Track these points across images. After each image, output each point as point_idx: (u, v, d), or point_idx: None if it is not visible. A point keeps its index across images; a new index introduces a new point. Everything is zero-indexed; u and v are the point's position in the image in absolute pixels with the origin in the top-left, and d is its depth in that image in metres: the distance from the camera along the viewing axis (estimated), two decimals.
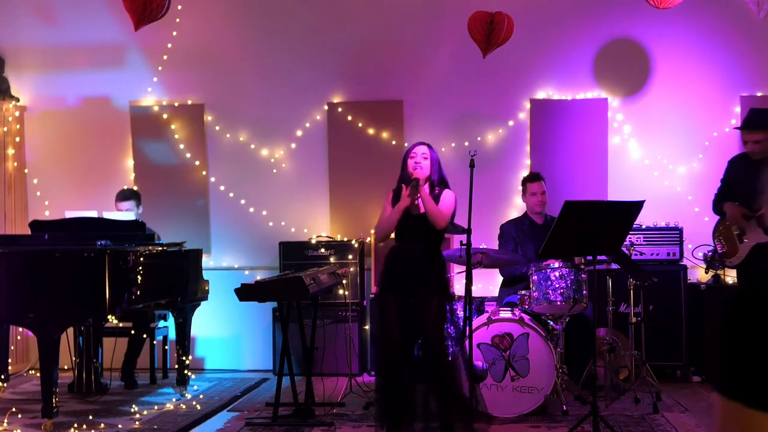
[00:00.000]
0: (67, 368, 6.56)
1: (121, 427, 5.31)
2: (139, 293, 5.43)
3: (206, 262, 6.95)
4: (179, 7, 7.34)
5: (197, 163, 7.62)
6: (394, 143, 7.32)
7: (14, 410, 5.67)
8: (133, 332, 6.62)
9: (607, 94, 7.32)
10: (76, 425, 5.24)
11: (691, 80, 7.24)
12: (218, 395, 6.32)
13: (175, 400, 6.09)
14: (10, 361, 6.22)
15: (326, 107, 7.52)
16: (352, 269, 6.97)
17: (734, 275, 6.21)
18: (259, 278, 6.14)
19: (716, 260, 6.05)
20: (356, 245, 7.10)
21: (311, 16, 7.49)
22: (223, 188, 7.62)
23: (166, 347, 6.98)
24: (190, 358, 6.43)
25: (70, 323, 5.63)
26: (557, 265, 5.59)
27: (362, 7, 7.46)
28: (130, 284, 5.34)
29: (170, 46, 7.55)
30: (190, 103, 7.66)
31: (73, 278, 5.15)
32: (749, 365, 1.42)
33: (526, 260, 5.97)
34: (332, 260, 7.05)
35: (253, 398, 6.27)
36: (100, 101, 7.70)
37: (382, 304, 4.68)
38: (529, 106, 7.37)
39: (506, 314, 5.53)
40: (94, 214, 6.13)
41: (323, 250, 7.13)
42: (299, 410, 5.47)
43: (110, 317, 5.37)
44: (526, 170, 7.12)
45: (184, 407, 5.86)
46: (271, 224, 7.55)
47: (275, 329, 7.04)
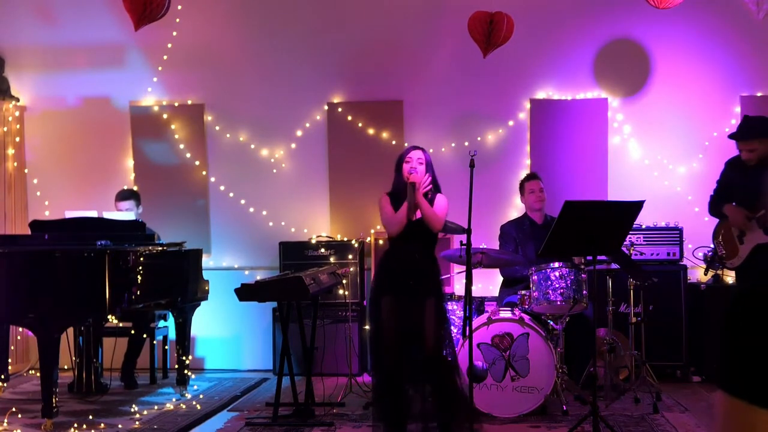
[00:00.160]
0: (67, 368, 6.57)
1: (121, 427, 5.31)
2: (139, 293, 5.43)
3: (206, 262, 6.95)
4: (179, 7, 7.35)
5: (197, 163, 7.62)
6: (394, 143, 7.31)
7: (14, 410, 5.67)
8: (133, 332, 6.63)
9: (607, 94, 7.32)
10: (76, 425, 5.24)
11: (691, 80, 7.24)
12: (218, 395, 6.32)
13: (175, 400, 6.09)
14: (10, 361, 6.22)
15: (326, 107, 7.52)
16: (352, 269, 6.96)
17: (734, 275, 6.20)
18: (259, 278, 6.14)
19: (716, 261, 6.05)
20: (356, 245, 7.09)
21: (311, 16, 7.50)
22: (223, 188, 7.62)
23: (166, 347, 6.98)
24: (190, 358, 6.43)
25: (70, 323, 5.63)
26: (557, 265, 5.60)
27: (362, 7, 7.46)
28: (130, 284, 5.35)
29: (170, 46, 7.55)
30: (190, 103, 7.66)
31: (73, 278, 5.15)
32: (752, 364, 1.47)
33: (526, 260, 5.97)
34: (332, 260, 7.05)
35: (253, 398, 6.27)
36: (100, 101, 7.70)
37: (378, 304, 4.67)
38: (529, 106, 7.37)
39: (506, 314, 5.53)
40: (94, 214, 6.13)
41: (323, 250, 7.13)
42: (299, 410, 5.47)
43: (110, 317, 5.38)
44: (526, 170, 7.12)
45: (184, 407, 5.86)
46: (271, 224, 7.55)
47: (275, 329, 7.04)
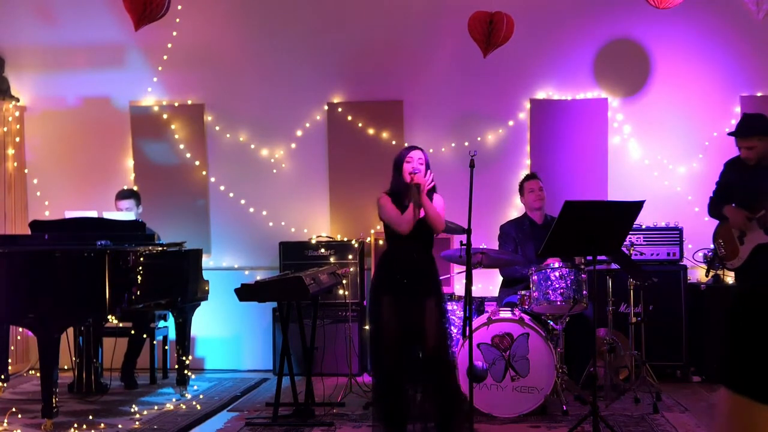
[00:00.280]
0: (67, 368, 6.57)
1: (121, 427, 5.31)
2: (139, 293, 5.43)
3: (206, 262, 6.95)
4: (179, 7, 7.35)
5: (197, 163, 7.62)
6: (394, 143, 7.31)
7: (14, 410, 5.67)
8: (133, 332, 6.63)
9: (607, 94, 7.32)
10: (76, 425, 5.24)
11: (691, 80, 7.24)
12: (218, 395, 6.32)
13: (175, 400, 6.09)
14: (10, 361, 6.22)
15: (326, 107, 7.52)
16: (352, 269, 6.96)
17: (734, 276, 6.19)
18: (259, 278, 6.14)
19: (717, 262, 6.04)
20: (356, 245, 7.09)
21: (311, 16, 7.50)
22: (223, 188, 7.62)
23: (166, 347, 6.98)
24: (190, 358, 6.43)
25: (70, 323, 5.63)
26: (557, 265, 5.60)
27: (362, 7, 7.46)
28: (130, 284, 5.35)
29: (170, 46, 7.55)
30: (190, 103, 7.66)
31: (73, 278, 5.15)
32: (754, 362, 1.51)
33: (526, 260, 5.97)
34: (332, 260, 7.05)
35: (253, 398, 6.27)
36: (100, 101, 7.70)
37: (378, 304, 4.66)
38: (529, 106, 7.37)
39: (506, 314, 5.53)
40: (94, 214, 6.13)
41: (323, 250, 7.13)
42: (299, 410, 5.47)
43: (110, 317, 5.38)
44: (526, 170, 7.12)
45: (184, 407, 5.86)
46: (271, 224, 7.55)
47: (275, 329, 7.04)
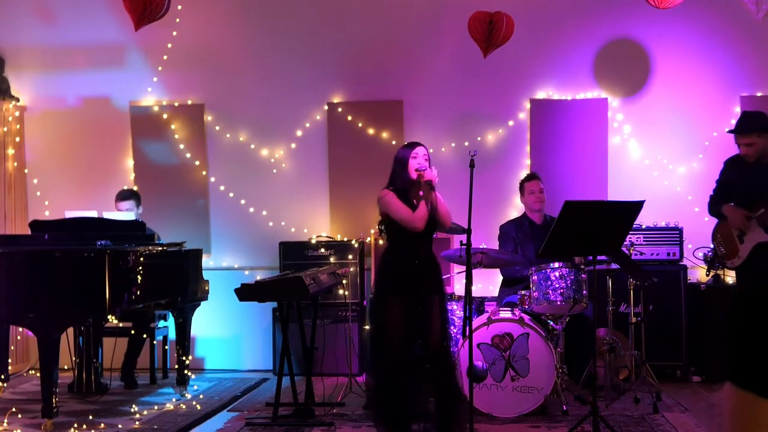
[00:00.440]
0: (67, 368, 6.57)
1: (121, 427, 5.31)
2: (139, 293, 5.43)
3: (206, 262, 6.95)
4: (179, 7, 7.35)
5: (197, 163, 7.62)
6: (394, 143, 7.30)
7: (14, 410, 5.67)
8: (133, 332, 6.63)
9: (607, 94, 7.32)
10: (76, 425, 5.24)
11: (691, 80, 7.24)
12: (218, 395, 6.32)
13: (175, 400, 6.09)
14: (10, 361, 6.23)
15: (326, 107, 7.52)
16: (352, 269, 6.96)
17: (734, 275, 6.20)
18: (259, 278, 6.14)
19: (716, 261, 6.04)
20: (356, 245, 7.10)
21: (311, 16, 7.50)
22: (223, 188, 7.62)
23: (166, 347, 6.98)
24: (190, 358, 6.43)
25: (70, 323, 5.63)
26: (557, 265, 5.59)
27: (362, 7, 7.46)
28: (130, 284, 5.34)
29: (170, 46, 7.56)
30: (190, 103, 7.66)
31: (73, 278, 5.15)
32: (757, 359, 1.57)
33: (526, 260, 5.97)
34: (332, 260, 7.06)
35: (253, 398, 6.27)
36: (100, 101, 7.70)
37: (384, 305, 4.62)
38: (529, 106, 7.37)
39: (506, 314, 5.53)
40: (94, 214, 6.13)
41: (323, 250, 7.13)
42: (299, 410, 5.47)
43: (110, 317, 5.38)
44: (526, 170, 7.12)
45: (184, 407, 5.86)
46: (271, 224, 7.55)
47: (275, 329, 7.04)
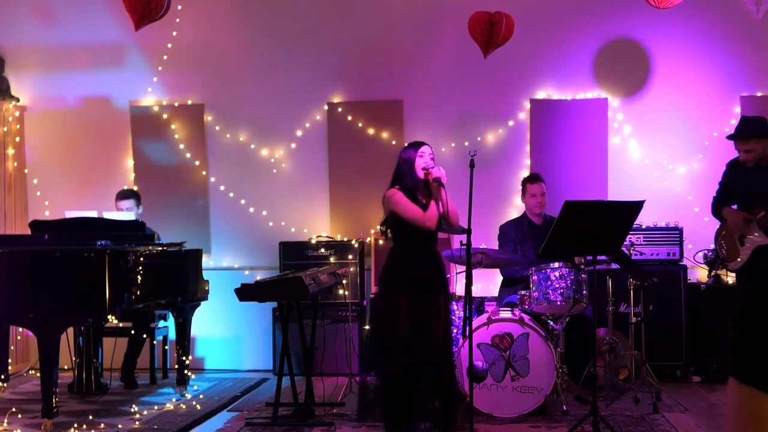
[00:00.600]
0: (67, 368, 6.57)
1: (121, 427, 5.31)
2: (139, 293, 5.43)
3: (206, 262, 6.95)
4: (179, 7, 7.35)
5: (197, 163, 7.62)
6: (394, 143, 7.31)
7: (14, 410, 5.67)
8: (133, 332, 6.62)
9: (607, 94, 7.32)
10: (76, 425, 5.24)
11: (691, 80, 7.24)
12: (218, 395, 6.32)
13: (175, 400, 6.09)
14: (10, 361, 6.22)
15: (326, 107, 7.52)
16: (352, 269, 6.96)
17: (735, 277, 6.19)
18: (259, 278, 6.14)
19: (718, 262, 6.04)
20: (356, 245, 7.09)
21: (311, 15, 7.50)
22: (223, 188, 7.62)
23: (166, 347, 6.98)
24: (190, 358, 6.43)
25: (70, 323, 5.63)
26: (557, 265, 5.59)
27: (362, 7, 7.46)
28: (130, 284, 5.34)
29: (170, 46, 7.55)
30: (190, 103, 7.66)
31: (73, 278, 5.15)
32: (761, 354, 1.62)
33: (525, 261, 5.97)
34: (332, 260, 7.06)
35: (253, 398, 6.27)
36: (100, 101, 7.70)
37: (392, 305, 4.60)
38: (529, 106, 7.37)
39: (506, 314, 5.53)
40: (94, 214, 6.13)
41: (323, 250, 7.13)
42: (299, 410, 5.47)
43: (110, 317, 5.38)
44: (526, 170, 7.13)
45: (184, 407, 5.86)
46: (271, 224, 7.55)
47: (275, 329, 7.04)
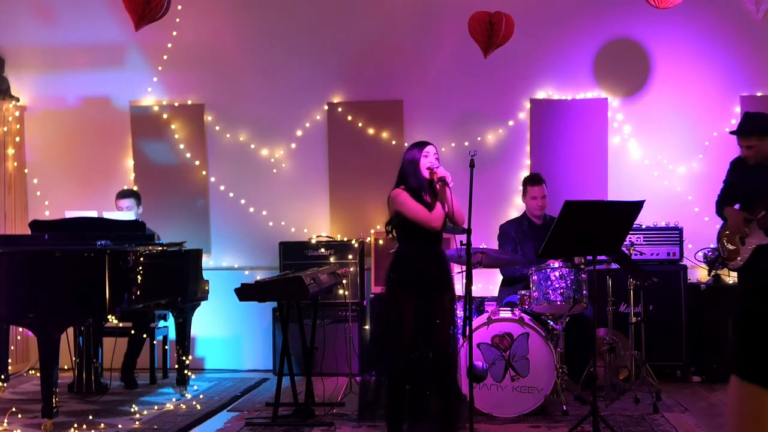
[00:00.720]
0: (67, 368, 6.57)
1: (121, 427, 5.31)
2: (139, 293, 5.43)
3: (206, 262, 6.95)
4: (179, 7, 7.35)
5: (197, 163, 7.62)
6: (394, 143, 7.32)
7: (14, 410, 5.67)
8: (133, 332, 6.62)
9: (607, 94, 7.32)
10: (76, 425, 5.24)
11: (691, 80, 7.24)
12: (218, 395, 6.32)
13: (175, 400, 6.09)
14: (10, 361, 6.22)
15: (326, 107, 7.52)
16: (352, 269, 6.96)
17: (735, 275, 6.20)
18: (259, 278, 6.14)
19: (718, 262, 6.05)
20: (356, 245, 7.10)
21: (311, 15, 7.50)
22: (223, 188, 7.62)
23: (166, 347, 6.98)
24: (190, 358, 6.43)
25: (70, 323, 5.63)
26: (557, 265, 5.59)
27: (362, 7, 7.46)
28: (130, 284, 5.34)
29: (170, 46, 7.55)
30: (190, 103, 7.66)
31: (73, 278, 5.15)
32: (761, 352, 1.65)
33: (525, 260, 5.97)
34: (332, 260, 7.06)
35: (253, 398, 6.27)
36: (100, 101, 7.70)
37: (398, 304, 4.59)
38: (529, 106, 7.37)
39: (506, 314, 5.53)
40: (94, 214, 6.13)
41: (323, 250, 7.13)
42: (299, 410, 5.47)
43: (110, 317, 5.38)
44: (526, 170, 7.13)
45: (184, 407, 5.86)
46: (271, 224, 7.55)
47: (275, 329, 7.04)
